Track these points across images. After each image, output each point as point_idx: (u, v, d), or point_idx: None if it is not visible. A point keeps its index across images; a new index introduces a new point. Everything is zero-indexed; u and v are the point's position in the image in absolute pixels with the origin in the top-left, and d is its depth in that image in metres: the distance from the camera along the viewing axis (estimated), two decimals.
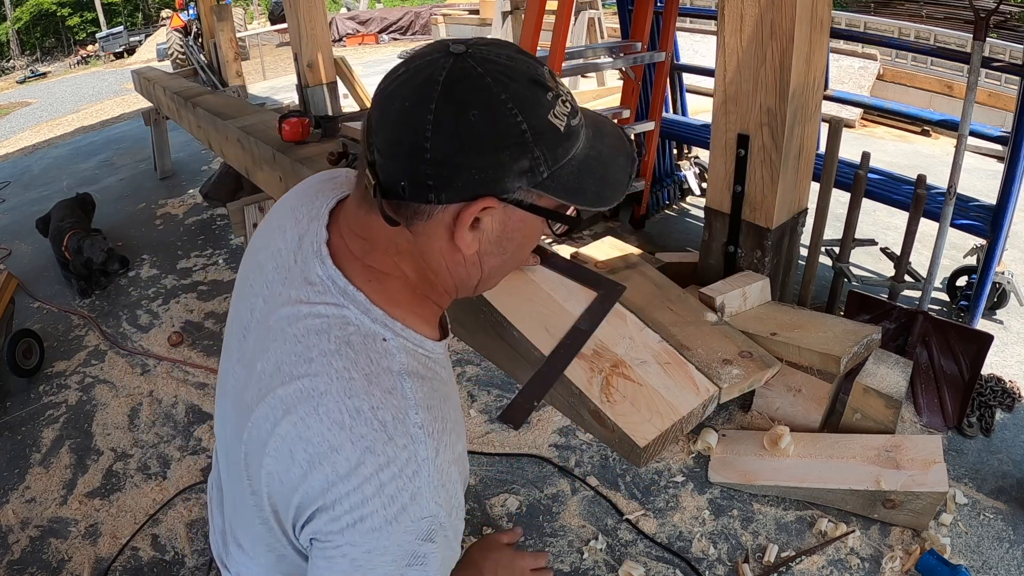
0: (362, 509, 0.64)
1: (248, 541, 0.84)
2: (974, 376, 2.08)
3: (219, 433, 0.88)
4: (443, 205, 0.65)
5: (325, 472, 0.65)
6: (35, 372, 2.65)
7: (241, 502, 0.79)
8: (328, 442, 0.65)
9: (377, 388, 0.66)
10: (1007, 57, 5.00)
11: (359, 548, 0.65)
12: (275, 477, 0.69)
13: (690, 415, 1.66)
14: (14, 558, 1.80)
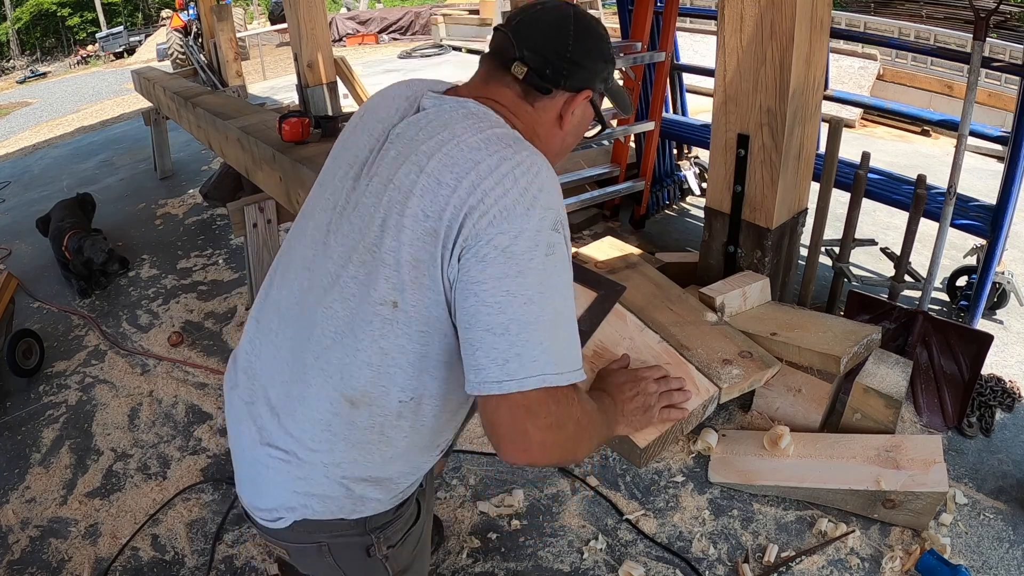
0: (504, 200, 0.82)
1: (336, 363, 0.91)
2: (974, 376, 2.08)
3: (306, 266, 0.97)
4: (563, 92, 0.98)
5: (471, 178, 0.83)
6: (35, 372, 2.65)
7: (342, 309, 0.90)
8: (470, 159, 0.85)
9: (506, 134, 0.90)
10: (1007, 57, 5.00)
11: (507, 235, 0.81)
12: (421, 212, 0.84)
13: (690, 415, 1.66)
14: (14, 558, 1.80)
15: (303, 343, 0.94)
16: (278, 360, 0.98)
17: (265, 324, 1.02)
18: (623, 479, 1.95)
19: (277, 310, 1.00)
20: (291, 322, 0.97)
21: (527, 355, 0.80)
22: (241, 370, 1.04)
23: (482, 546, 1.75)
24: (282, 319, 0.99)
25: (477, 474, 1.98)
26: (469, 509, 1.86)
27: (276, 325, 1.00)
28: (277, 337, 0.99)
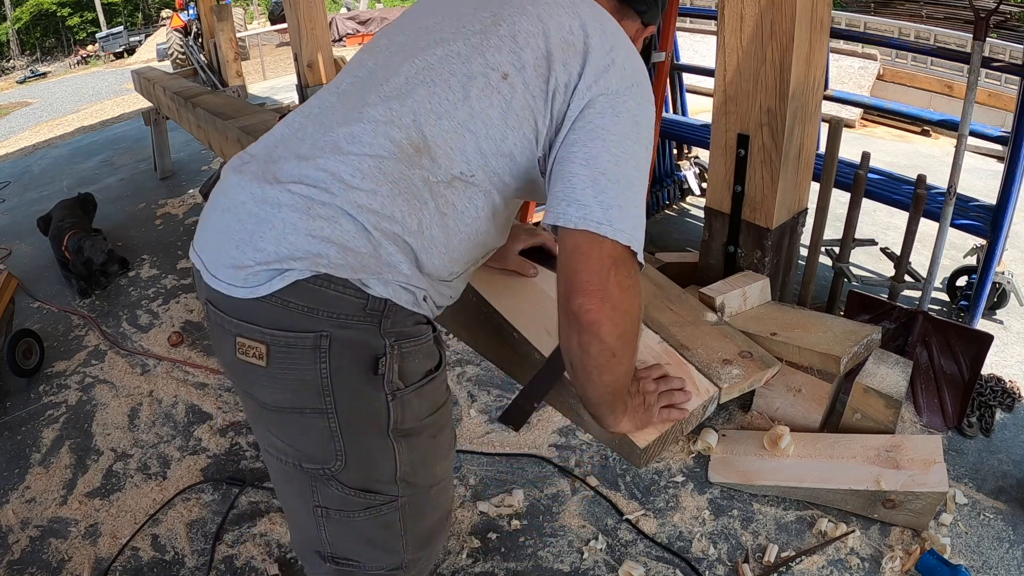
0: (636, 75, 0.93)
1: (412, 104, 0.89)
2: (974, 376, 2.08)
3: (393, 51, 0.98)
4: (640, 21, 1.07)
5: (607, 38, 0.92)
6: (35, 372, 2.65)
7: (441, 58, 0.91)
8: (602, 19, 0.94)
9: None
10: (1007, 57, 5.01)
11: (638, 104, 0.90)
12: (561, 31, 0.91)
13: (690, 415, 1.66)
14: (14, 558, 1.80)
15: (368, 89, 0.92)
16: (323, 122, 0.93)
17: (309, 112, 0.98)
18: (623, 479, 1.95)
19: (336, 92, 0.98)
20: (356, 89, 0.95)
21: (628, 212, 0.85)
22: (258, 153, 0.96)
23: (482, 546, 1.75)
24: (342, 95, 0.96)
25: (477, 474, 1.98)
26: (469, 509, 1.86)
27: (333, 102, 0.96)
28: (328, 112, 0.95)
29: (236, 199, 0.90)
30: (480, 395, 2.32)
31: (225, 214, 0.90)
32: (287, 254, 0.83)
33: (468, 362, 2.50)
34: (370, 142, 0.87)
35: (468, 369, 2.46)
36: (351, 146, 0.87)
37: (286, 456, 0.96)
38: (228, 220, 0.89)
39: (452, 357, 2.53)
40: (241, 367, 0.90)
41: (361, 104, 0.91)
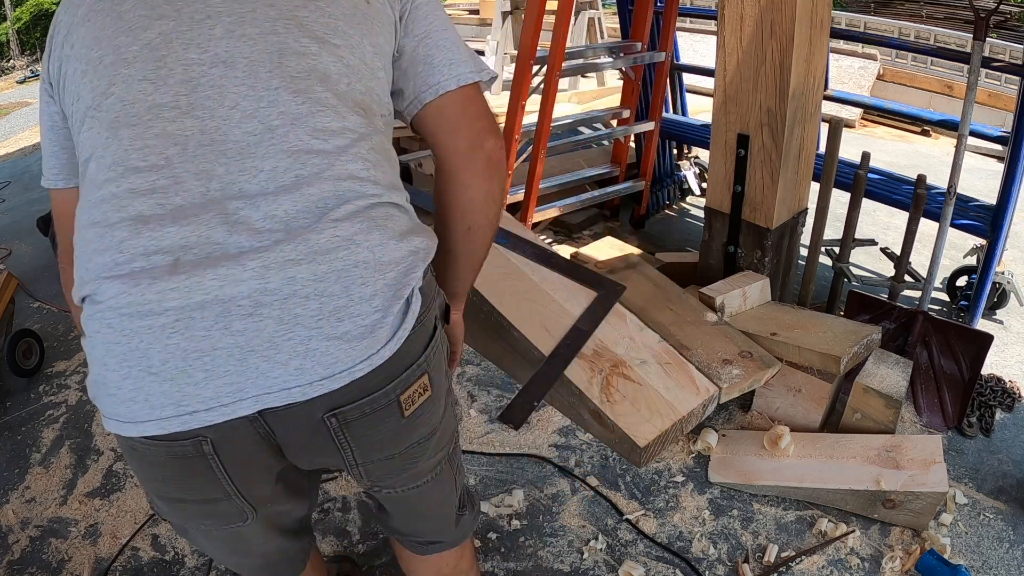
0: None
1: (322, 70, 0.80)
2: (974, 376, 2.08)
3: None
4: None
5: None
6: (35, 372, 2.65)
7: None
8: None
9: None
10: (1007, 57, 5.00)
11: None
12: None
13: (690, 415, 1.67)
14: (14, 558, 1.80)
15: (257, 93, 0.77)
16: (232, 146, 0.75)
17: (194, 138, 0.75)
18: (623, 479, 1.95)
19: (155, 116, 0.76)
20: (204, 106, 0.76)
21: (475, 58, 0.95)
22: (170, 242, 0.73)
23: (482, 546, 1.75)
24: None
25: (477, 474, 1.98)
26: None
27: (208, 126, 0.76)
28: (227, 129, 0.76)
29: (254, 299, 0.72)
30: (480, 395, 2.32)
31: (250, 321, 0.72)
32: (396, 280, 0.77)
33: (468, 362, 2.50)
34: (338, 131, 0.80)
35: (468, 369, 2.46)
36: (327, 143, 0.79)
37: (433, 461, 0.96)
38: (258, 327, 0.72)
39: None
40: (407, 424, 0.84)
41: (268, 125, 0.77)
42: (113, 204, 0.74)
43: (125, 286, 0.71)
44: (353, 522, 1.84)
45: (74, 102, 0.81)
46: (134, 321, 0.71)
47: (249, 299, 0.71)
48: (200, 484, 0.80)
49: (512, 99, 2.94)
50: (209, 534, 0.93)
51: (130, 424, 0.73)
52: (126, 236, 0.72)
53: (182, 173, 0.74)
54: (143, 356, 0.71)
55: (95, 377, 0.75)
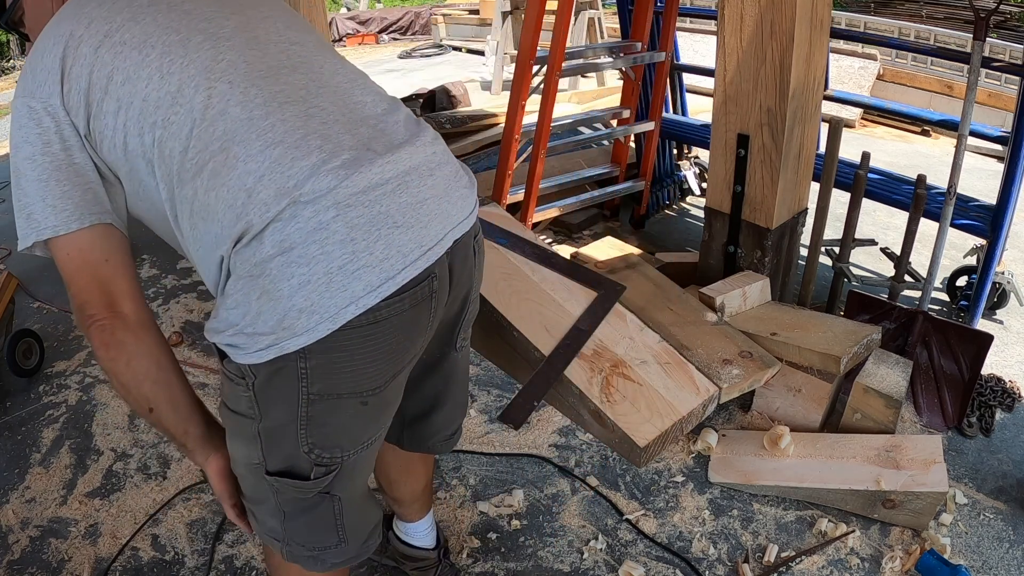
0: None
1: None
2: (974, 376, 2.08)
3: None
4: None
5: None
6: (35, 372, 2.65)
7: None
8: None
9: None
10: (1007, 57, 5.00)
11: None
12: None
13: (690, 415, 1.67)
14: (14, 558, 1.80)
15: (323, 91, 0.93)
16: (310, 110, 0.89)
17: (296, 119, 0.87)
18: (623, 479, 1.95)
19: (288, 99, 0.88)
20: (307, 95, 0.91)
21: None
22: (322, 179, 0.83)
23: (482, 546, 1.75)
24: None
25: (477, 474, 1.98)
26: (469, 509, 1.86)
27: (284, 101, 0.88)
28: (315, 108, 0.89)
29: (409, 190, 0.89)
30: (480, 395, 2.32)
31: (406, 203, 0.88)
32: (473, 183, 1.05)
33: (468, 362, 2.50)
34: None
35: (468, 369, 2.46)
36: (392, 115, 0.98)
37: (466, 340, 1.19)
38: (410, 208, 0.89)
39: None
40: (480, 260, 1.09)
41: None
42: (291, 125, 0.84)
43: (350, 171, 0.83)
44: None
45: (148, 84, 0.83)
46: (370, 192, 0.84)
47: (425, 165, 0.92)
48: (419, 335, 0.94)
49: (512, 99, 2.94)
50: (377, 438, 1.01)
51: (388, 283, 0.83)
52: (321, 142, 0.84)
53: (321, 103, 0.89)
54: (387, 215, 0.84)
55: (329, 268, 0.80)
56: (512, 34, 6.29)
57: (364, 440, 0.96)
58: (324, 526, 1.01)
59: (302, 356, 0.83)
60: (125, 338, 0.88)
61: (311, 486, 0.94)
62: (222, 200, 0.81)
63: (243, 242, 0.81)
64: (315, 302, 0.80)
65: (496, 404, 2.27)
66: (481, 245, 1.07)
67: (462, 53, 10.04)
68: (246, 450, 0.94)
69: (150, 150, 0.84)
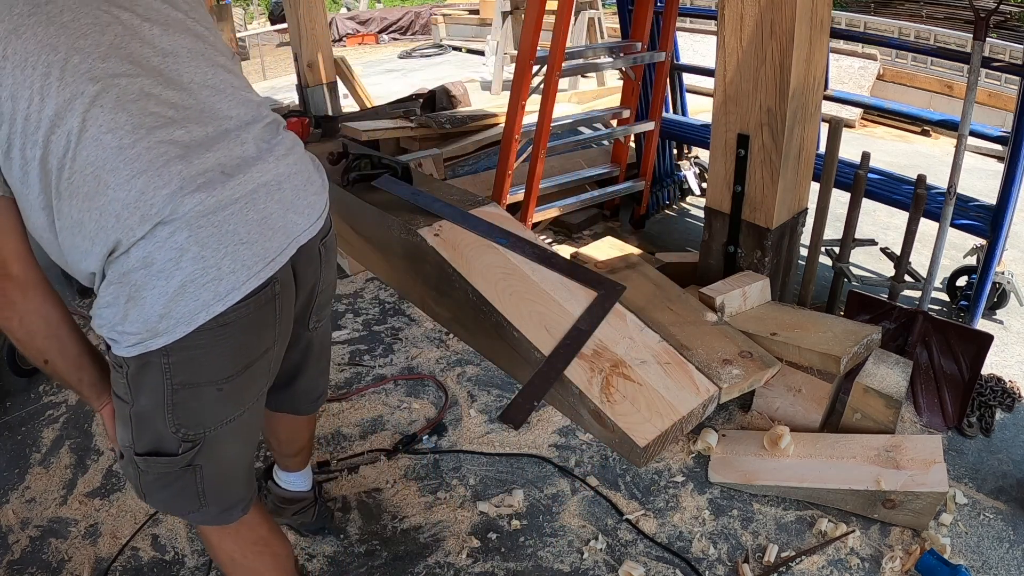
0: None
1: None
2: (974, 376, 2.08)
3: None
4: None
5: None
6: (35, 372, 2.65)
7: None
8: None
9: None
10: (1007, 57, 5.00)
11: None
12: None
13: (690, 415, 1.66)
14: (14, 558, 1.80)
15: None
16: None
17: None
18: (623, 479, 1.95)
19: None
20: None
21: None
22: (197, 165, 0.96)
23: (482, 546, 1.75)
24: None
25: (477, 474, 1.98)
26: (469, 509, 1.87)
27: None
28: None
29: (265, 191, 1.03)
30: (480, 395, 2.32)
31: (260, 200, 1.03)
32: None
33: (468, 362, 2.50)
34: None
35: (468, 369, 2.46)
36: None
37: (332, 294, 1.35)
38: (268, 205, 1.03)
39: (452, 357, 2.53)
40: (333, 259, 1.27)
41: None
42: (155, 153, 0.93)
43: (204, 194, 0.95)
44: (354, 522, 1.84)
45: (30, 105, 0.90)
46: (220, 213, 0.96)
47: (275, 180, 1.05)
48: (268, 329, 1.07)
49: (512, 99, 2.94)
50: (249, 412, 1.14)
51: (234, 292, 0.97)
52: (182, 167, 0.94)
53: (187, 124, 0.98)
54: (234, 233, 0.97)
55: (179, 286, 0.93)
56: (512, 34, 6.30)
57: (224, 418, 1.09)
58: (186, 495, 1.13)
59: (164, 353, 0.97)
60: (15, 297, 0.98)
61: (178, 460, 1.08)
62: (94, 221, 0.92)
63: (114, 255, 0.94)
64: (172, 309, 0.94)
65: (496, 404, 2.27)
66: (330, 245, 1.23)
67: (462, 53, 10.04)
68: (123, 431, 1.09)
69: (31, 163, 0.92)
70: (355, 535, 1.80)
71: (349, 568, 1.71)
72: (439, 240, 2.00)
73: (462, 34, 10.86)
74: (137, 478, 1.12)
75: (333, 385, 2.41)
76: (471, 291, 1.84)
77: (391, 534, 1.80)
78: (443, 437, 2.14)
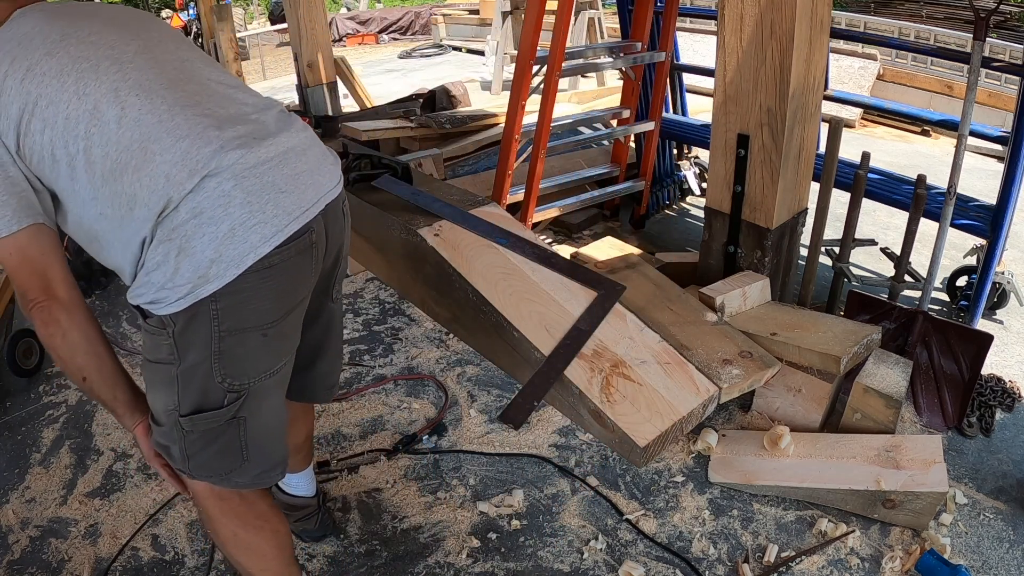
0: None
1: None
2: (974, 376, 2.08)
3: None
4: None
5: None
6: (35, 372, 2.65)
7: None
8: None
9: None
10: (1007, 57, 5.00)
11: None
12: None
13: (690, 415, 1.66)
14: (14, 558, 1.80)
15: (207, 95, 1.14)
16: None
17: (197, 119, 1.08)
18: (623, 479, 1.95)
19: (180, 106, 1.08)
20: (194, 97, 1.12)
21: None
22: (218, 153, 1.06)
23: (482, 546, 1.75)
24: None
25: (477, 474, 1.98)
26: (469, 509, 1.87)
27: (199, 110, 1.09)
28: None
29: (284, 164, 1.12)
30: (480, 395, 2.32)
31: (282, 173, 1.12)
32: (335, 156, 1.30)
33: (468, 362, 2.50)
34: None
35: (468, 369, 2.46)
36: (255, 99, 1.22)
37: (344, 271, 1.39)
38: (289, 176, 1.12)
39: (452, 357, 2.53)
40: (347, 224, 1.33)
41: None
42: (192, 123, 1.05)
43: (242, 151, 1.06)
44: (353, 522, 1.84)
45: (69, 105, 1.02)
46: (259, 167, 1.07)
47: (300, 146, 1.17)
48: (306, 277, 1.17)
49: (512, 99, 2.94)
50: (285, 367, 1.22)
51: (278, 234, 1.07)
52: (218, 133, 1.06)
53: (211, 106, 1.10)
54: (274, 184, 1.08)
55: (229, 230, 1.03)
56: (512, 34, 6.29)
57: (267, 369, 1.17)
58: (231, 450, 1.18)
59: (213, 300, 1.04)
60: (60, 316, 1.07)
61: (223, 413, 1.13)
62: (145, 187, 1.01)
63: (164, 213, 1.02)
64: (223, 253, 1.02)
65: (496, 404, 2.27)
66: (347, 210, 1.32)
67: (462, 53, 10.04)
68: (165, 396, 1.14)
69: (76, 157, 1.01)
70: (355, 535, 1.80)
71: (349, 568, 1.71)
72: (439, 240, 2.00)
73: (462, 34, 10.86)
74: (181, 441, 1.15)
75: None
76: (471, 291, 1.84)
77: (391, 534, 1.80)
78: (443, 437, 2.14)
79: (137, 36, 1.12)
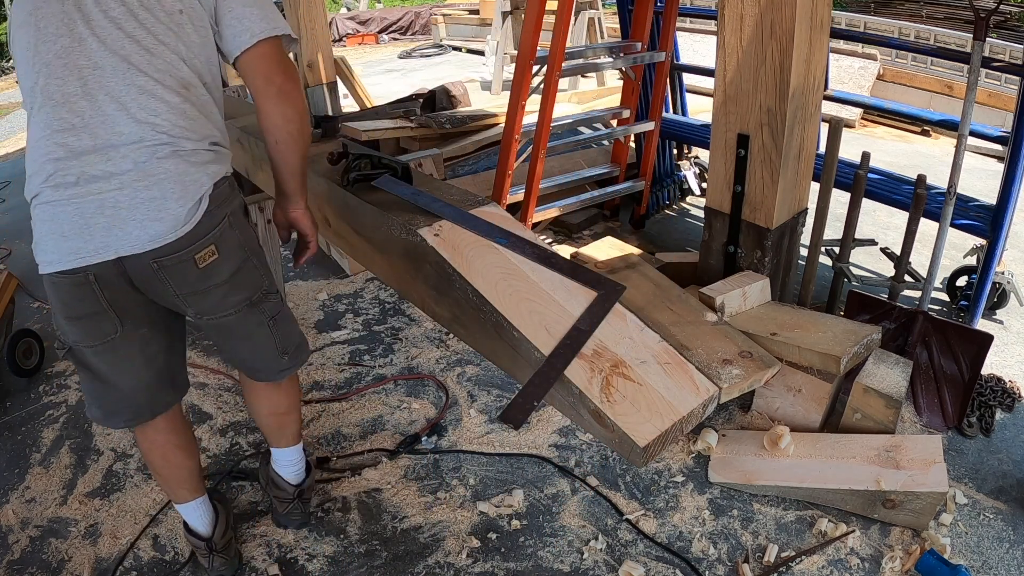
0: None
1: (163, 64, 1.30)
2: (974, 376, 2.08)
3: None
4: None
5: None
6: (35, 372, 2.65)
7: (147, 34, 1.29)
8: None
9: None
10: (1007, 57, 5.00)
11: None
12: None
13: (690, 415, 1.66)
14: (14, 558, 1.80)
15: (119, 74, 1.26)
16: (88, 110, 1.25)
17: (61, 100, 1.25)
18: (623, 479, 1.95)
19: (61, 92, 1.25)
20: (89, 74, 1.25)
21: (269, 19, 1.36)
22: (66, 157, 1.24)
23: (482, 546, 1.75)
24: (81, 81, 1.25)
25: (477, 474, 1.98)
26: (469, 509, 1.87)
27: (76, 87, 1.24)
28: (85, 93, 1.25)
29: (106, 194, 1.25)
30: (480, 395, 2.32)
31: (101, 203, 1.26)
32: (203, 192, 1.33)
33: (468, 362, 2.50)
34: (164, 101, 1.31)
35: (468, 369, 2.46)
36: (158, 104, 1.30)
37: (233, 299, 1.43)
38: (115, 209, 1.26)
39: (452, 357, 2.53)
40: (203, 273, 1.36)
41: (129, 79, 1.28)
42: (49, 148, 1.26)
43: (55, 191, 1.26)
44: (353, 522, 1.84)
45: (19, 70, 1.28)
46: (60, 207, 1.25)
47: (115, 201, 1.25)
48: (89, 302, 1.32)
49: (512, 99, 2.94)
50: (96, 351, 1.38)
51: (54, 263, 1.27)
52: (56, 167, 1.25)
53: (82, 132, 1.25)
54: (61, 226, 1.26)
55: (37, 240, 1.29)
56: (512, 34, 6.29)
57: (77, 342, 1.37)
58: (84, 389, 1.50)
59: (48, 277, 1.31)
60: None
61: (69, 355, 1.43)
62: (31, 160, 1.32)
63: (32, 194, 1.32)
64: (35, 252, 1.31)
65: (496, 404, 2.27)
66: (167, 264, 1.33)
67: (462, 53, 10.04)
68: None
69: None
70: (355, 535, 1.80)
71: (349, 568, 1.71)
72: (439, 240, 2.00)
73: (462, 34, 10.86)
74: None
75: (333, 385, 2.41)
76: (471, 291, 1.84)
77: (391, 534, 1.80)
78: (443, 437, 2.14)
79: (71, 31, 1.25)
